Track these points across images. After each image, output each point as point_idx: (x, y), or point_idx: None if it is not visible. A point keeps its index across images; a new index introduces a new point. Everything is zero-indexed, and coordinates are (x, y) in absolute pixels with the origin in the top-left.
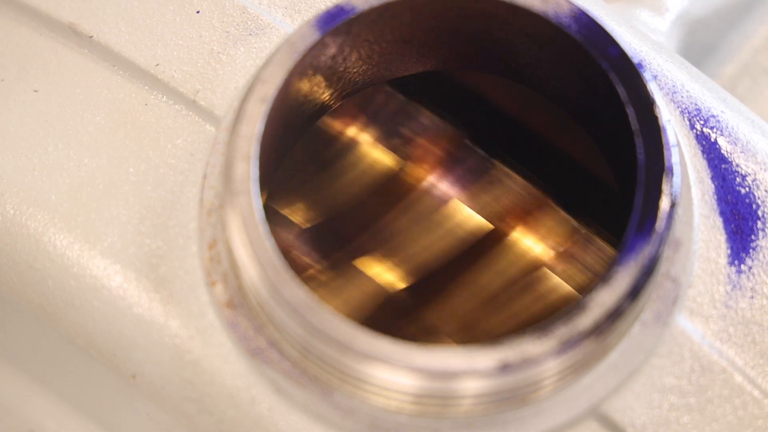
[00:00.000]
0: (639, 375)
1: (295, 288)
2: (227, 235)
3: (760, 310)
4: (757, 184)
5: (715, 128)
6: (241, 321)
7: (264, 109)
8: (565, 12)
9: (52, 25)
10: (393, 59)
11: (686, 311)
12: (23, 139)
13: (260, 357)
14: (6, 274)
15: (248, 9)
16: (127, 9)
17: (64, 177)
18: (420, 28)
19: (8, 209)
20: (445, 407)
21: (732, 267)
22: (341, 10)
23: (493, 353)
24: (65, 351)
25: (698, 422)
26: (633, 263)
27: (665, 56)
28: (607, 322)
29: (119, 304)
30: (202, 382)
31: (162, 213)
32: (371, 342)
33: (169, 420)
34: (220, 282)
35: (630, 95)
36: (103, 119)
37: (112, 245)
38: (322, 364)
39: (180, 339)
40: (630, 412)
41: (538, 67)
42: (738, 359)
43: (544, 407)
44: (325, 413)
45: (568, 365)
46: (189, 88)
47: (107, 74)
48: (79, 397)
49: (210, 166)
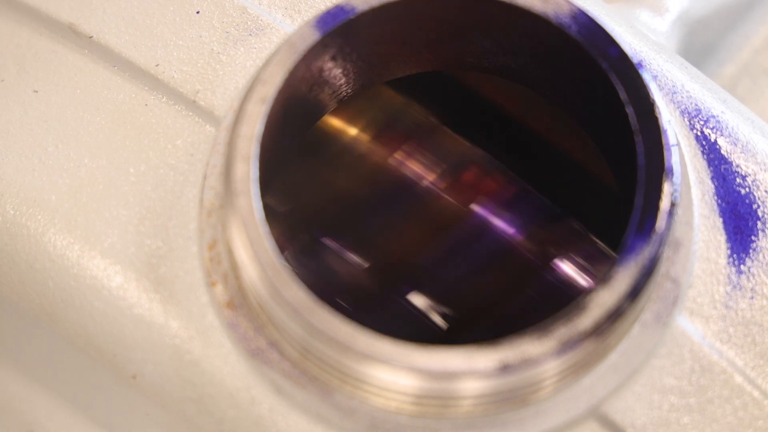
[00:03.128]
0: (639, 375)
1: (295, 288)
2: (227, 235)
3: (760, 311)
4: (757, 184)
5: (715, 128)
6: (241, 321)
7: (264, 109)
8: (564, 12)
9: (52, 25)
10: (393, 59)
11: (686, 312)
12: (23, 139)
13: (260, 357)
14: (6, 274)
15: (248, 9)
16: (127, 9)
17: (64, 177)
18: (420, 28)
19: (8, 209)
20: (445, 408)
21: (732, 267)
22: (341, 10)
23: (493, 354)
24: (65, 351)
25: (698, 423)
26: (633, 263)
27: (665, 56)
28: (607, 323)
29: (119, 304)
30: (202, 383)
31: (162, 213)
32: (371, 342)
33: (169, 420)
34: (220, 282)
35: (630, 95)
36: (103, 119)
37: (112, 245)
38: (322, 365)
39: (180, 339)
40: (630, 413)
41: (538, 67)
42: (738, 360)
43: (545, 408)
44: (325, 413)
45: (568, 366)
46: (189, 88)
47: (107, 74)
48: (79, 397)
49: (210, 167)
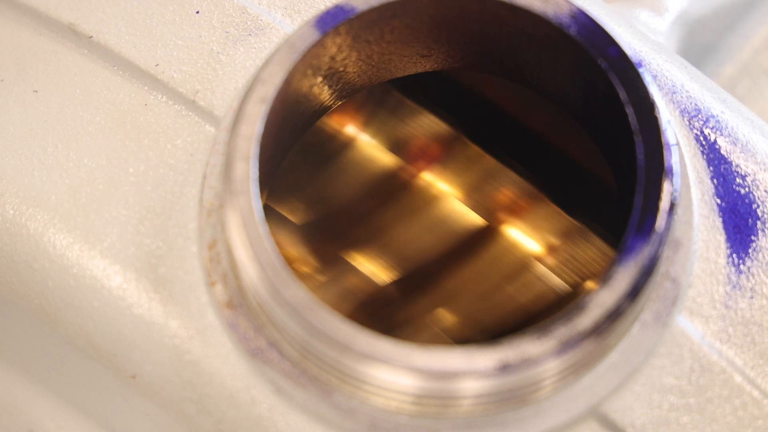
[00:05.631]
0: (639, 375)
1: (295, 288)
2: (227, 235)
3: (759, 311)
4: (756, 184)
5: (715, 128)
6: (241, 321)
7: (264, 109)
8: (564, 12)
9: (52, 25)
10: (393, 59)
11: (686, 311)
12: (23, 139)
13: (260, 357)
14: (6, 274)
15: (248, 9)
16: (127, 9)
17: (64, 177)
18: (420, 28)
19: (8, 209)
20: (444, 408)
21: (732, 267)
22: (341, 10)
23: (492, 353)
24: (65, 351)
25: (698, 422)
26: (633, 263)
27: (665, 56)
28: (607, 323)
29: (119, 304)
30: (202, 383)
31: (162, 213)
32: (371, 342)
33: (168, 420)
34: (219, 282)
35: (630, 95)
36: (102, 119)
37: (111, 245)
38: (322, 365)
39: (180, 339)
40: (630, 413)
41: (538, 67)
42: (737, 359)
43: (544, 407)
44: (325, 413)
45: (567, 365)
46: (189, 88)
47: (107, 74)
48: (79, 397)
49: (210, 166)
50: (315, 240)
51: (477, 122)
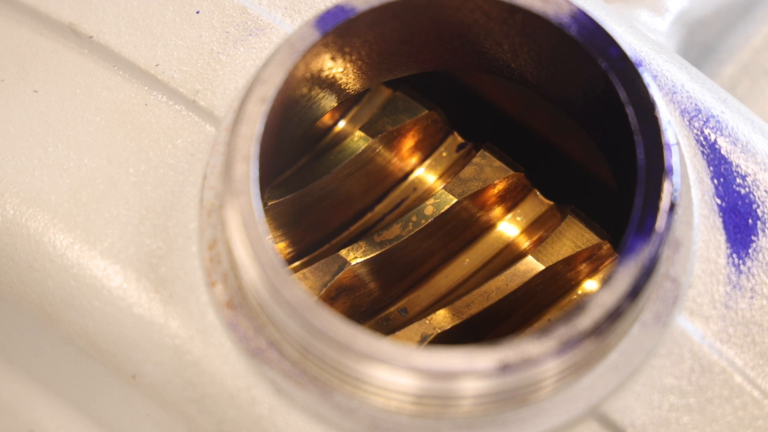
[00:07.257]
0: (639, 375)
1: (295, 288)
2: (227, 235)
3: (759, 311)
4: (756, 184)
5: (715, 128)
6: (241, 321)
7: (264, 109)
8: (564, 12)
9: (52, 25)
10: (393, 59)
11: (686, 311)
12: (23, 139)
13: (260, 357)
14: (6, 274)
15: (248, 9)
16: (127, 9)
17: (64, 177)
18: (420, 28)
19: (8, 209)
20: (445, 408)
21: (732, 267)
22: (341, 10)
23: (492, 354)
24: (65, 351)
25: (698, 422)
26: (633, 263)
27: (665, 56)
28: (607, 323)
29: (119, 304)
30: (202, 383)
31: (162, 213)
32: (371, 342)
33: (169, 420)
34: (220, 282)
35: (630, 95)
36: (103, 119)
37: (112, 245)
38: (322, 365)
39: (180, 339)
40: (630, 413)
41: (538, 67)
42: (738, 360)
43: (544, 407)
44: (325, 413)
45: (568, 365)
46: (189, 88)
47: (107, 74)
48: (79, 397)
49: (210, 167)
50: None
51: (476, 122)
